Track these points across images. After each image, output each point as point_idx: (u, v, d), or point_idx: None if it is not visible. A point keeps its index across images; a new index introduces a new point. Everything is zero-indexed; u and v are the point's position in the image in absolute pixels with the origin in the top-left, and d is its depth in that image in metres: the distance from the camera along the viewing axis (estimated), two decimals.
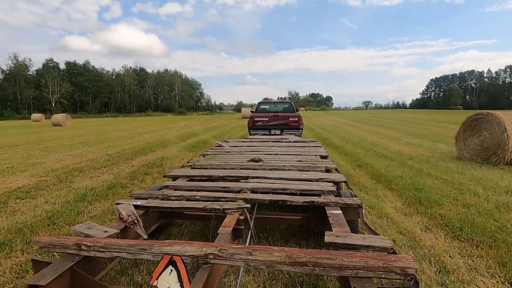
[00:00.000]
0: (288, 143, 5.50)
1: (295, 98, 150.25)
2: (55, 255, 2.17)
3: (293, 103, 9.90)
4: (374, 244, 1.49)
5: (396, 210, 3.25)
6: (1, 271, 2.06)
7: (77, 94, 59.39)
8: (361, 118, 28.58)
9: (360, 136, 11.66)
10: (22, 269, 2.09)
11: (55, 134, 14.78)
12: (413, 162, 5.95)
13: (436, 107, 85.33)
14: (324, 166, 3.26)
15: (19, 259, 2.26)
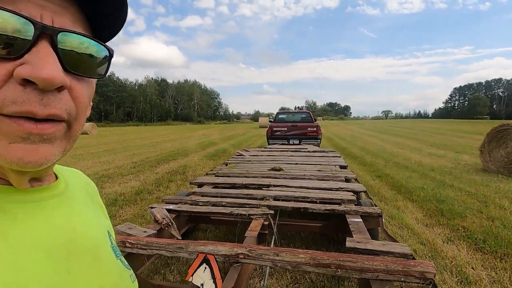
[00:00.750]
0: (307, 152, 5.59)
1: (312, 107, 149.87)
2: None
3: (311, 113, 9.98)
4: (394, 250, 1.57)
5: (417, 221, 3.26)
6: None
7: (102, 104, 62.25)
8: (380, 127, 28.07)
9: (380, 146, 11.51)
10: None
11: (82, 142, 15.58)
12: (435, 174, 5.85)
13: (460, 117, 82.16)
14: (344, 176, 3.33)
15: None
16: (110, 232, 0.45)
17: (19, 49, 0.26)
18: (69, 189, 0.41)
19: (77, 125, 0.32)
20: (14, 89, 0.26)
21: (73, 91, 0.30)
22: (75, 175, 0.49)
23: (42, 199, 0.35)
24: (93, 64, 0.32)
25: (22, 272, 0.28)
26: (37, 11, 0.27)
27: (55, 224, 0.35)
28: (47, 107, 0.27)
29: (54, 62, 0.27)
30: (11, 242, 0.29)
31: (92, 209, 0.45)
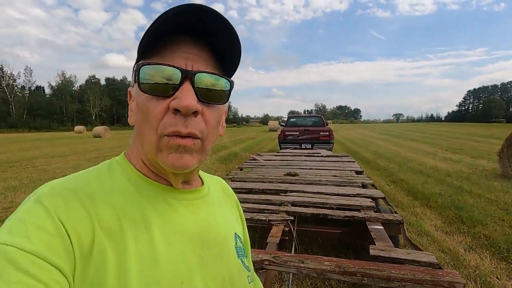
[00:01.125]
0: (320, 157, 5.57)
1: (322, 110, 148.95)
2: None
3: (323, 117, 9.95)
4: (420, 259, 1.56)
5: (436, 228, 3.20)
6: None
7: (115, 108, 63.62)
8: (392, 131, 27.66)
9: (392, 150, 11.35)
10: None
11: (96, 145, 15.93)
12: (452, 179, 5.73)
13: (475, 120, 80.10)
14: (361, 182, 3.31)
15: None
16: (238, 235, 0.55)
17: (173, 89, 0.38)
18: (210, 193, 0.53)
19: (208, 142, 0.42)
20: (170, 117, 0.38)
21: (204, 115, 0.40)
22: (217, 181, 0.62)
23: (192, 198, 0.48)
24: (218, 93, 0.42)
25: (174, 248, 0.41)
26: (182, 62, 0.39)
27: (198, 219, 0.46)
28: (187, 127, 0.38)
29: (191, 95, 0.38)
30: (172, 226, 0.42)
31: (226, 211, 0.56)
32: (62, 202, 0.35)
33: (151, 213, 0.41)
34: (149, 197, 0.43)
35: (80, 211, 0.36)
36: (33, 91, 58.14)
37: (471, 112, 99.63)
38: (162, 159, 0.39)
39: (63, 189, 0.37)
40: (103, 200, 0.39)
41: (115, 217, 0.38)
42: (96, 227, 0.35)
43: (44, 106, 53.13)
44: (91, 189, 0.39)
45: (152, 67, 0.38)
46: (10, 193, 4.86)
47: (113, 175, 0.44)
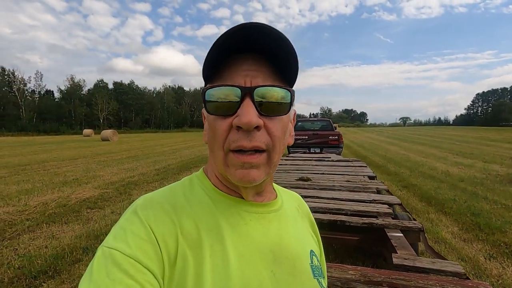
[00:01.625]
0: (331, 162, 5.53)
1: (327, 114, 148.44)
2: None
3: (331, 121, 9.90)
4: (446, 268, 1.52)
5: (453, 236, 3.14)
6: None
7: (122, 111, 64.37)
8: (400, 135, 27.37)
9: (402, 154, 11.21)
10: None
11: (105, 149, 16.10)
12: (465, 185, 5.63)
13: (484, 124, 78.86)
14: (375, 187, 3.27)
15: None
16: (314, 252, 0.53)
17: (235, 107, 0.40)
18: (284, 207, 0.53)
19: (275, 153, 0.42)
20: (234, 133, 0.40)
21: (267, 128, 0.41)
22: (291, 196, 0.61)
23: (263, 212, 0.48)
24: (279, 105, 0.42)
25: (246, 261, 0.41)
26: (242, 79, 0.40)
27: (269, 233, 0.46)
28: (252, 141, 0.39)
29: (251, 111, 0.39)
30: (243, 239, 0.43)
31: (301, 228, 0.54)
32: (152, 212, 0.41)
33: (225, 225, 0.43)
34: (223, 209, 0.45)
35: (166, 220, 0.40)
36: (43, 95, 59.19)
37: (480, 115, 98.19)
38: (230, 174, 0.41)
39: (152, 202, 0.43)
40: (184, 211, 0.43)
41: (195, 227, 0.42)
42: (179, 235, 0.40)
43: (53, 110, 54.03)
44: (175, 201, 0.44)
45: (214, 90, 0.41)
46: (23, 196, 4.92)
47: (193, 189, 0.48)
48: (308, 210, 0.63)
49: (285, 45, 0.41)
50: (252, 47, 0.41)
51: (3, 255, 2.75)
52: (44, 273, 2.43)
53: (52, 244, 2.98)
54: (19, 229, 3.42)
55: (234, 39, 0.39)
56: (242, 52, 0.41)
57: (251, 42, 0.40)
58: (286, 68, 0.43)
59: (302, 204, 0.62)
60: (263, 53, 0.41)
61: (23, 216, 3.87)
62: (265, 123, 0.40)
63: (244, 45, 0.40)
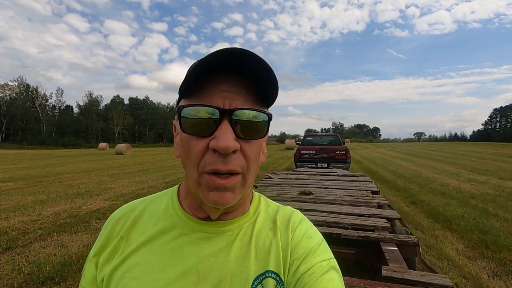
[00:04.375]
0: (336, 176, 5.53)
1: (339, 129, 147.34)
2: None
3: (339, 136, 9.90)
4: (434, 281, 1.53)
5: (457, 253, 3.07)
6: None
7: (136, 126, 66.07)
8: (413, 151, 26.80)
9: (414, 170, 10.99)
10: None
11: (118, 162, 16.52)
12: (477, 201, 5.47)
13: (502, 139, 76.08)
14: (376, 202, 3.27)
15: None
16: (268, 276, 0.45)
17: (212, 129, 0.40)
18: (244, 227, 0.49)
19: (249, 175, 0.43)
20: (210, 155, 0.40)
21: (244, 150, 0.41)
22: (275, 213, 0.54)
23: (209, 231, 0.47)
24: (257, 128, 0.42)
25: (163, 277, 0.43)
26: (220, 101, 0.40)
27: (203, 253, 0.45)
28: (227, 165, 0.39)
29: (229, 134, 0.39)
30: (174, 254, 0.45)
31: (253, 254, 0.46)
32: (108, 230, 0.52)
33: (161, 242, 0.47)
34: (168, 227, 0.48)
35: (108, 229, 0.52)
36: (63, 110, 61.79)
37: (499, 131, 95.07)
38: (203, 195, 0.42)
39: (117, 214, 0.54)
40: (137, 224, 0.51)
41: (137, 236, 0.49)
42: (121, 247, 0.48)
43: (72, 125, 56.17)
44: (135, 211, 0.53)
45: (192, 108, 0.40)
46: (38, 206, 5.14)
47: (162, 202, 0.53)
48: (298, 222, 0.52)
49: (265, 69, 0.40)
50: (234, 68, 0.40)
51: (14, 261, 2.90)
52: (51, 279, 2.55)
53: (60, 252, 3.11)
54: (31, 237, 3.59)
55: (217, 58, 0.38)
56: (223, 71, 0.41)
57: (232, 63, 0.39)
58: (265, 92, 0.43)
59: (287, 217, 0.53)
60: (244, 75, 0.41)
61: (36, 226, 4.05)
62: (242, 146, 0.41)
63: (225, 66, 0.40)
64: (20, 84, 53.88)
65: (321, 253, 0.47)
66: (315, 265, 0.44)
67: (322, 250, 0.48)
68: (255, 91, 0.43)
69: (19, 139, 47.37)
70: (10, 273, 2.64)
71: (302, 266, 0.45)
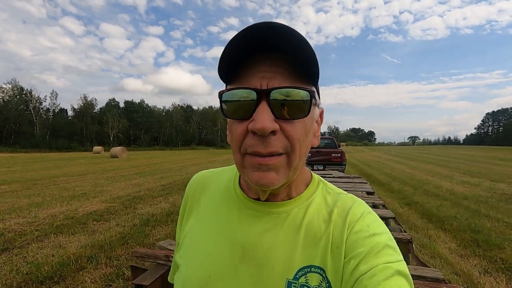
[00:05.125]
0: (332, 178, 5.59)
1: (335, 133, 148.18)
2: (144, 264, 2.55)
3: (334, 139, 10.01)
4: (426, 275, 1.59)
5: (450, 251, 3.15)
6: (93, 279, 2.49)
7: (132, 129, 65.66)
8: (407, 154, 27.10)
9: (408, 173, 11.14)
10: (108, 279, 2.50)
11: (113, 165, 16.39)
12: (469, 203, 5.59)
13: (495, 143, 77.32)
14: (372, 202, 3.33)
15: (104, 270, 2.69)
16: (313, 270, 0.42)
17: (250, 111, 0.39)
18: (293, 212, 0.47)
19: (294, 156, 0.41)
20: (250, 137, 0.40)
21: (285, 131, 0.39)
22: (333, 202, 0.48)
23: (260, 210, 0.48)
24: (297, 106, 0.39)
25: (215, 244, 0.48)
26: (258, 82, 0.39)
27: (251, 231, 0.46)
28: (267, 147, 0.38)
29: (267, 115, 0.38)
30: (225, 227, 0.49)
31: (309, 239, 0.44)
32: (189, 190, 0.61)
33: (217, 210, 0.52)
34: (226, 200, 0.52)
35: (191, 190, 0.59)
36: (57, 113, 61.21)
37: (491, 135, 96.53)
38: (248, 175, 0.41)
39: (194, 180, 0.62)
40: (207, 189, 0.57)
41: (204, 200, 0.56)
42: (194, 201, 0.57)
43: (66, 128, 55.63)
44: (208, 180, 0.59)
45: (230, 93, 0.40)
46: (34, 208, 5.12)
47: (230, 176, 0.57)
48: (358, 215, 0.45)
49: (305, 47, 0.38)
50: (271, 48, 0.38)
51: (12, 262, 2.90)
52: (50, 278, 2.56)
53: (58, 253, 3.12)
54: (28, 238, 3.58)
55: (252, 38, 0.37)
56: (260, 52, 0.39)
57: (269, 42, 0.37)
58: (305, 69, 0.40)
59: (346, 209, 0.46)
60: (282, 53, 0.39)
61: (33, 227, 4.03)
62: (283, 127, 0.39)
63: (262, 45, 0.38)
64: (13, 86, 53.28)
65: (386, 253, 0.40)
66: (377, 266, 0.38)
67: (388, 250, 0.41)
68: (296, 68, 0.40)
69: (12, 142, 46.70)
70: (8, 273, 2.65)
71: (362, 266, 0.39)
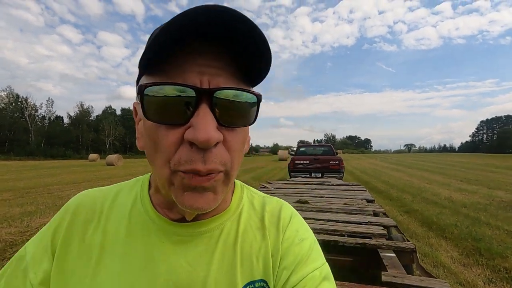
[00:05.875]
0: (331, 186, 5.55)
1: (331, 140, 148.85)
2: None
3: (332, 147, 10.00)
4: (433, 286, 1.54)
5: (453, 260, 3.09)
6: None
7: (128, 137, 65.34)
8: (404, 161, 27.19)
9: (405, 180, 11.13)
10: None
11: (109, 173, 16.21)
12: (468, 210, 5.56)
13: (490, 151, 78.13)
14: (372, 210, 3.29)
15: None
16: (258, 285, 0.39)
17: (186, 115, 0.31)
18: (225, 228, 0.42)
19: (233, 171, 0.35)
20: (184, 150, 0.31)
21: (227, 142, 0.33)
22: (261, 206, 0.47)
23: (185, 234, 0.40)
24: (243, 113, 0.34)
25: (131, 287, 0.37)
26: (197, 78, 0.31)
27: (178, 264, 0.38)
28: (206, 163, 0.31)
29: (210, 122, 0.30)
30: (144, 264, 0.38)
31: (239, 258, 0.40)
32: (60, 216, 0.43)
33: (127, 249, 0.39)
34: (135, 229, 0.40)
35: (75, 231, 0.41)
36: (53, 121, 60.85)
37: (486, 142, 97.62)
38: (177, 196, 0.33)
39: (79, 204, 0.44)
40: (99, 221, 0.42)
41: (97, 237, 0.40)
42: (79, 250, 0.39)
43: (61, 135, 55.22)
44: (98, 205, 0.43)
45: (158, 88, 0.31)
46: (26, 217, 4.99)
47: (130, 195, 0.44)
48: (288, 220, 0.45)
49: (259, 40, 0.31)
50: (213, 35, 0.30)
51: None
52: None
53: None
54: (19, 249, 3.46)
55: (190, 21, 0.28)
56: (199, 40, 0.31)
57: (213, 30, 0.29)
58: (254, 67, 0.34)
59: (276, 213, 0.46)
60: (228, 45, 0.31)
61: (24, 237, 3.91)
62: (225, 136, 0.33)
63: (203, 32, 0.30)
64: (8, 94, 53.00)
65: (313, 259, 0.41)
66: (307, 276, 0.39)
67: (314, 255, 0.42)
68: (243, 66, 0.33)
69: (6, 150, 46.17)
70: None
71: (293, 277, 0.38)
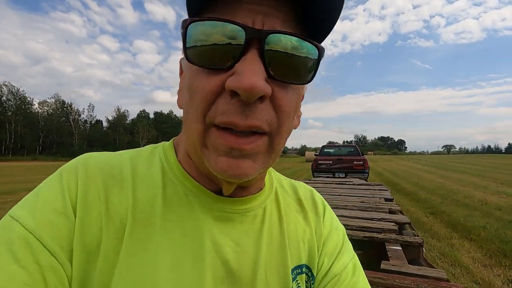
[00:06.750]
0: (352, 185, 5.55)
1: (362, 141, 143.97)
2: None
3: (358, 147, 9.83)
4: (429, 274, 1.61)
5: (473, 261, 3.03)
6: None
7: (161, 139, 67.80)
8: (439, 163, 25.64)
9: (437, 183, 10.59)
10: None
11: None
12: (502, 213, 5.25)
13: None
14: (388, 208, 3.30)
15: None
16: (302, 266, 0.38)
17: (231, 59, 0.26)
18: (268, 208, 0.39)
19: (279, 137, 0.30)
20: (223, 100, 0.27)
21: (276, 99, 0.28)
22: (292, 188, 0.45)
23: (230, 211, 0.35)
24: (300, 67, 0.29)
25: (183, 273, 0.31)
26: (248, 17, 0.27)
27: (229, 241, 0.34)
28: (248, 118, 0.26)
29: (258, 69, 0.26)
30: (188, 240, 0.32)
31: (287, 242, 0.38)
32: (81, 179, 0.32)
33: (167, 218, 0.33)
34: (173, 197, 0.34)
35: (94, 193, 0.31)
36: (93, 125, 65.65)
37: None
38: (210, 161, 0.29)
39: (88, 165, 0.33)
40: (123, 187, 0.33)
41: (126, 211, 0.32)
42: (103, 217, 0.31)
43: (101, 138, 59.56)
44: (117, 172, 0.34)
45: (202, 25, 0.27)
46: None
47: (151, 163, 0.37)
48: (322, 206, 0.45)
49: None
50: None
51: None
52: None
53: None
54: None
55: None
56: None
57: None
58: (318, 16, 0.29)
59: (310, 198, 0.45)
60: None
61: None
62: (274, 92, 0.28)
63: None
64: (56, 100, 58.27)
65: (348, 249, 0.42)
66: (347, 266, 0.39)
67: (348, 246, 0.42)
68: (301, 14, 0.28)
69: (54, 151, 50.73)
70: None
71: (335, 267, 0.38)
